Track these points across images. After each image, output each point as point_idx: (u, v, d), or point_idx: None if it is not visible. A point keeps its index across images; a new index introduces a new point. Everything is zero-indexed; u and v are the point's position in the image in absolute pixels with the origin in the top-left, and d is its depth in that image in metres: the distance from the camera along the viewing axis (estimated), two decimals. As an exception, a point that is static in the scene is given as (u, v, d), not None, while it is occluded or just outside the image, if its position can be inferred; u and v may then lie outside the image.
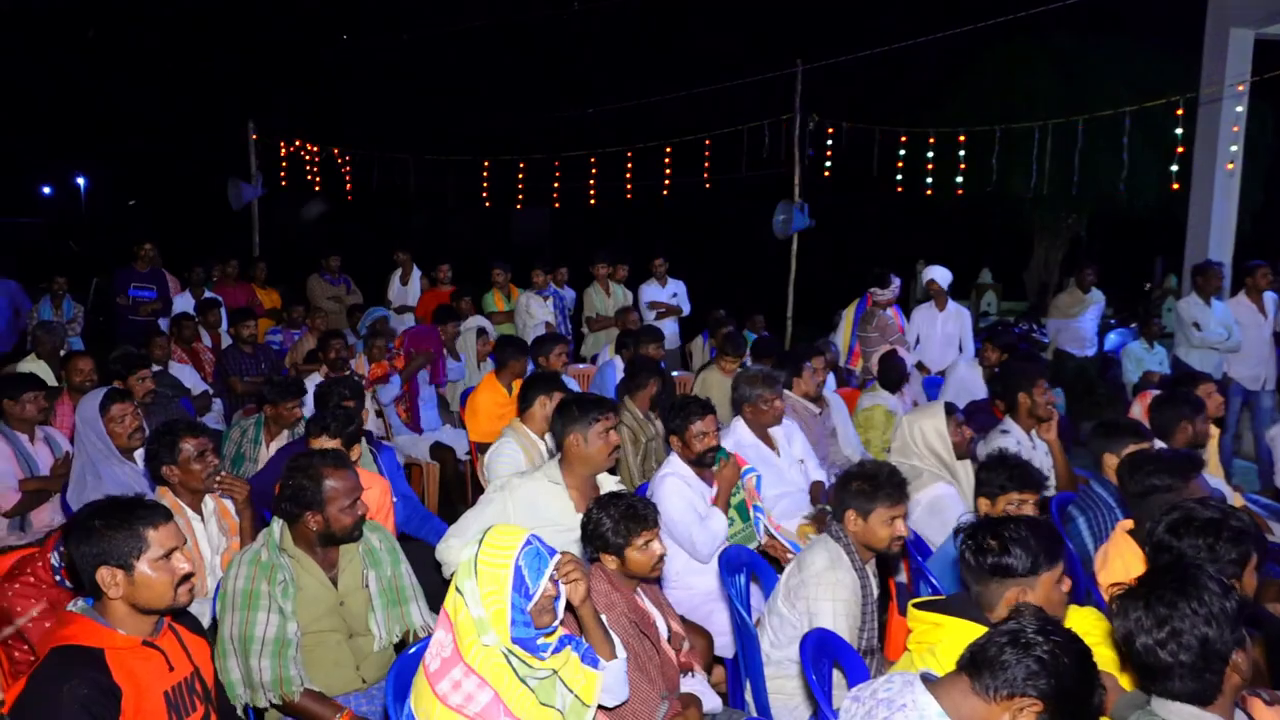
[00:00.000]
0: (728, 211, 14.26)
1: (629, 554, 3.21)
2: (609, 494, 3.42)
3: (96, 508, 2.65)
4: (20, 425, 5.15)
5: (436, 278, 10.41)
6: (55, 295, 9.58)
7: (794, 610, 3.51)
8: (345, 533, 3.36)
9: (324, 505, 3.31)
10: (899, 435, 4.98)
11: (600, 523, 3.22)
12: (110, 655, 2.52)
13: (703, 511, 4.38)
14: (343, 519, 3.34)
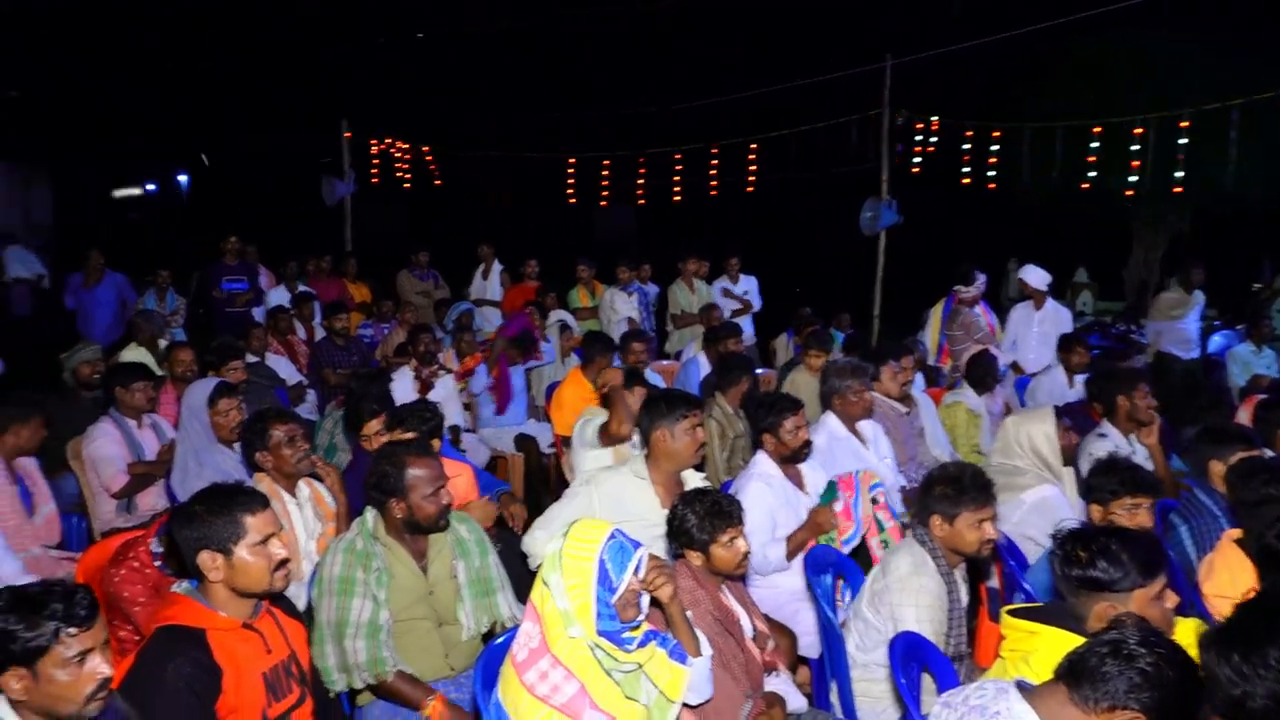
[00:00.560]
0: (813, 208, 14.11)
1: (714, 550, 3.20)
2: (694, 490, 3.41)
3: (199, 493, 2.75)
4: (129, 412, 5.36)
5: (523, 273, 10.51)
6: (159, 288, 9.94)
7: (878, 615, 3.45)
8: (429, 521, 3.40)
9: (406, 492, 3.37)
10: (1002, 436, 4.85)
11: (685, 519, 3.22)
12: (212, 636, 2.61)
13: (780, 521, 4.31)
14: (425, 507, 3.38)
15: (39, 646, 2.13)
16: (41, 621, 2.13)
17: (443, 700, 3.18)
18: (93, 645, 2.19)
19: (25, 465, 4.72)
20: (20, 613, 2.13)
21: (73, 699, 2.16)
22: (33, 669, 2.13)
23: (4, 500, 4.40)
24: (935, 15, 15.76)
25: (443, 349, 7.88)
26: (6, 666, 2.13)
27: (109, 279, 9.88)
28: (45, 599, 2.16)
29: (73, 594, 2.19)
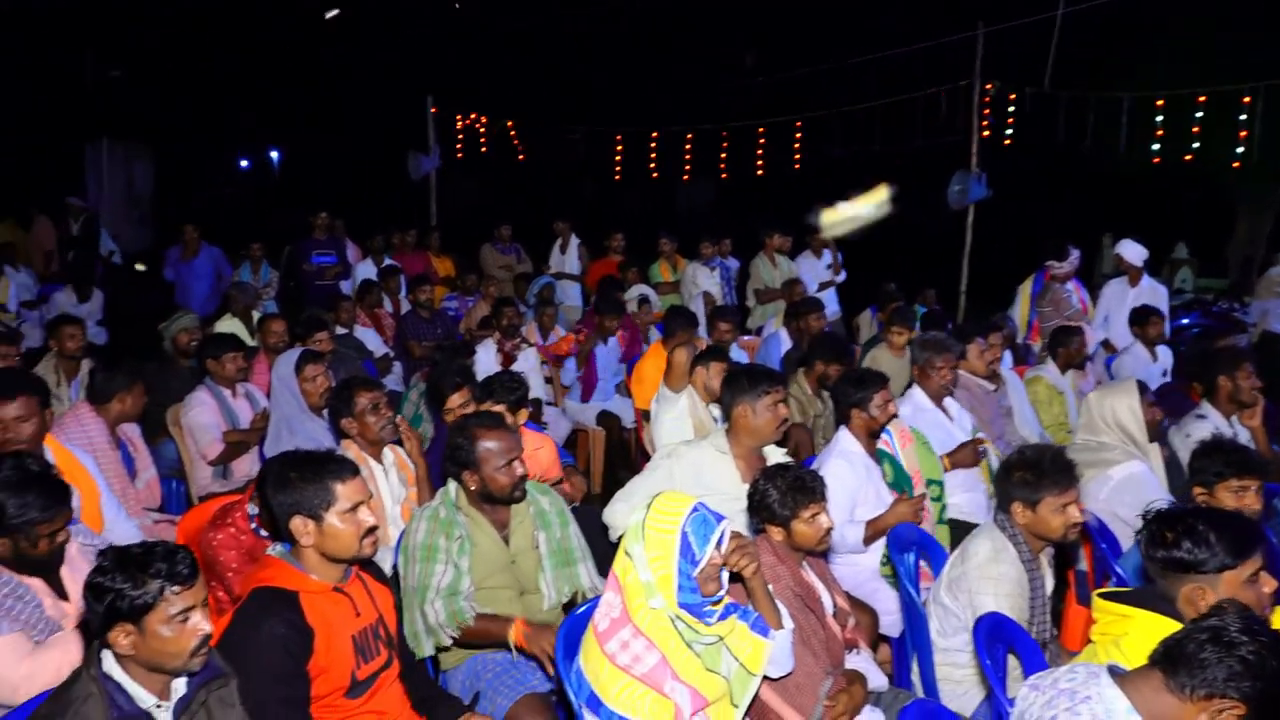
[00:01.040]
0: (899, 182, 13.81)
1: (795, 526, 3.17)
2: (776, 465, 3.39)
3: (292, 459, 2.83)
4: (223, 382, 5.53)
5: (607, 247, 10.52)
6: (253, 261, 10.22)
7: (956, 602, 3.39)
8: (502, 492, 3.44)
9: (479, 465, 3.41)
10: (1086, 413, 4.73)
11: (767, 494, 3.20)
12: (304, 598, 2.69)
13: (860, 500, 4.26)
14: (498, 478, 3.42)
15: (145, 604, 2.21)
16: (147, 580, 2.22)
17: (523, 622, 3.23)
18: (194, 603, 2.27)
19: (128, 432, 4.90)
20: (127, 572, 2.22)
21: (177, 653, 2.25)
22: (139, 625, 2.21)
23: (108, 465, 4.57)
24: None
25: (525, 322, 7.96)
26: (114, 623, 2.22)
27: (205, 252, 10.20)
28: (149, 559, 2.25)
29: (175, 554, 2.28)
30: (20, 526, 2.84)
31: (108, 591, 2.20)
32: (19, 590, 2.87)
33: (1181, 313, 11.12)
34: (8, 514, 2.82)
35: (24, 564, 2.91)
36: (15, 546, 2.86)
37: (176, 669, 2.28)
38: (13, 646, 2.78)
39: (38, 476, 2.93)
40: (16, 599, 2.86)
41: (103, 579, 2.22)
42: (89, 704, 2.19)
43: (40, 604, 2.92)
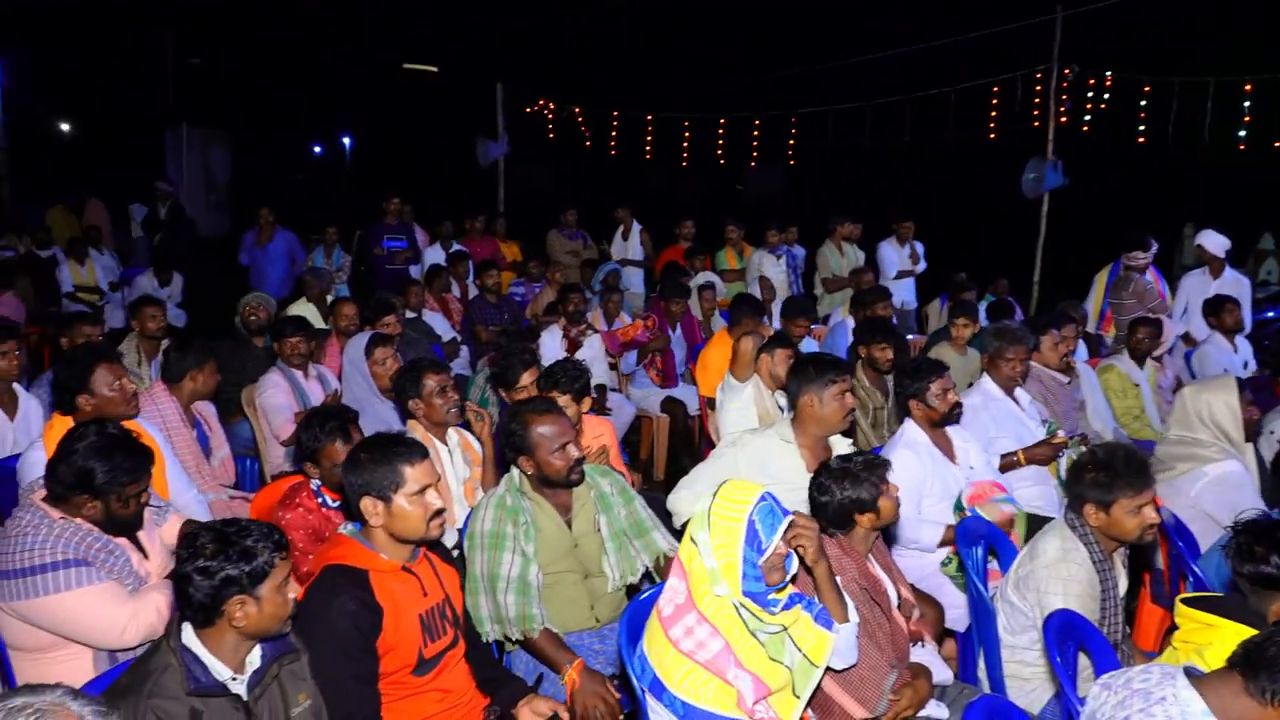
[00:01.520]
0: (972, 169, 13.57)
1: (882, 504, 3.15)
2: (841, 457, 3.35)
3: (364, 441, 2.88)
4: (292, 363, 5.64)
5: (679, 234, 10.50)
6: (327, 245, 10.41)
7: (1023, 601, 3.32)
8: (558, 476, 3.45)
9: (533, 450, 3.43)
10: (1180, 408, 4.57)
11: (830, 491, 3.16)
12: (373, 576, 2.75)
13: (929, 491, 4.20)
14: (553, 463, 3.43)
15: (262, 572, 2.31)
16: (257, 551, 2.31)
17: (579, 669, 3.19)
18: (288, 571, 2.38)
19: (203, 410, 5.02)
20: (234, 548, 2.30)
21: (281, 618, 2.36)
22: (255, 594, 2.30)
23: (183, 443, 4.70)
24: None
25: (590, 308, 7.98)
26: (227, 599, 2.29)
27: (280, 236, 10.41)
28: (248, 533, 2.34)
29: (268, 526, 2.39)
30: (111, 488, 2.96)
31: (216, 571, 2.27)
32: (110, 546, 3.01)
33: (1266, 306, 10.75)
34: (98, 478, 2.93)
35: (112, 525, 3.04)
36: (107, 508, 2.98)
37: (275, 633, 2.39)
38: (111, 592, 2.93)
39: (122, 441, 3.04)
40: (109, 554, 3.00)
41: (209, 562, 2.28)
42: (167, 675, 2.25)
43: (129, 559, 3.06)
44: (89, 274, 10.41)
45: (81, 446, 2.97)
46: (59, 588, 2.85)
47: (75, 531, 2.95)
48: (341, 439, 3.65)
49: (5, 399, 4.71)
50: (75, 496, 2.95)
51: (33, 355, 7.72)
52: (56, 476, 2.97)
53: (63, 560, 2.87)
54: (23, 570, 2.85)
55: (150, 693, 2.21)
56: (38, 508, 2.98)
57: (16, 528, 2.96)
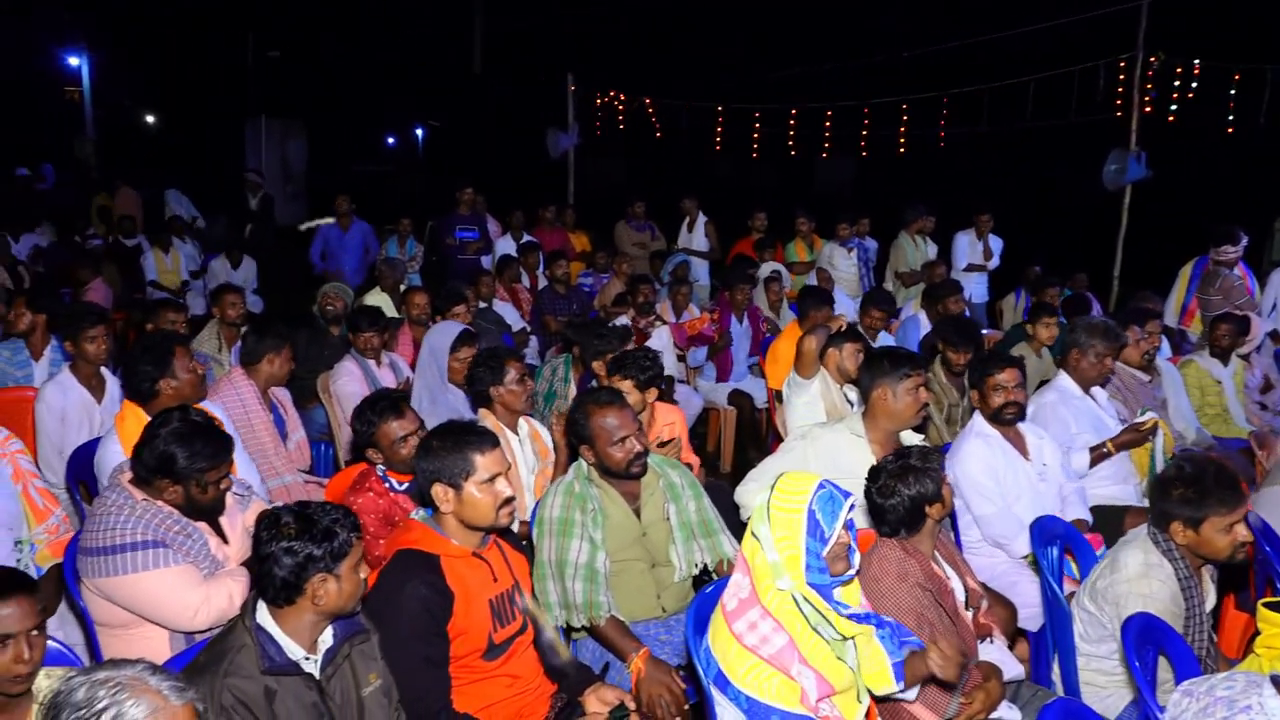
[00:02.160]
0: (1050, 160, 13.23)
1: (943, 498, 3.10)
2: (894, 455, 3.30)
3: (437, 429, 2.92)
4: (366, 353, 5.75)
5: (751, 226, 10.44)
6: (400, 235, 10.57)
7: (1102, 611, 3.22)
8: (618, 467, 3.46)
9: (593, 440, 3.45)
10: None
11: (895, 491, 3.11)
12: (445, 562, 2.79)
13: (1004, 485, 4.12)
14: (613, 454, 3.44)
15: (343, 551, 2.39)
16: (337, 531, 2.38)
17: (644, 658, 3.19)
18: (362, 551, 2.46)
19: (279, 395, 5.14)
20: (317, 528, 2.37)
21: (356, 596, 2.43)
22: (335, 573, 2.37)
23: (260, 426, 4.82)
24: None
25: (659, 300, 7.97)
26: (309, 578, 2.36)
27: (356, 226, 10.59)
28: (325, 515, 2.41)
29: (344, 509, 2.46)
30: (191, 474, 3.03)
31: (300, 550, 2.34)
32: (189, 529, 3.09)
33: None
34: (179, 464, 3.01)
35: (192, 510, 3.11)
36: (187, 494, 3.06)
37: (348, 612, 2.45)
38: (186, 575, 3.00)
39: (203, 428, 3.12)
40: (187, 536, 3.08)
41: (293, 542, 2.35)
42: (243, 654, 2.32)
43: (207, 543, 3.13)
44: (173, 262, 10.73)
45: (164, 432, 3.05)
46: (136, 567, 2.93)
47: (156, 514, 3.03)
48: (394, 415, 3.69)
49: (94, 382, 4.87)
50: (157, 480, 3.04)
51: (118, 341, 7.97)
52: (140, 460, 3.06)
53: (141, 541, 2.95)
54: (105, 548, 2.95)
55: (226, 671, 2.28)
56: (123, 489, 3.08)
57: (103, 507, 3.06)
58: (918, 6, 17.59)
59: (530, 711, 2.95)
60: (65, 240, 12.00)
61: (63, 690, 1.76)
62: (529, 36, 22.29)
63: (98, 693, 1.74)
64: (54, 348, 5.49)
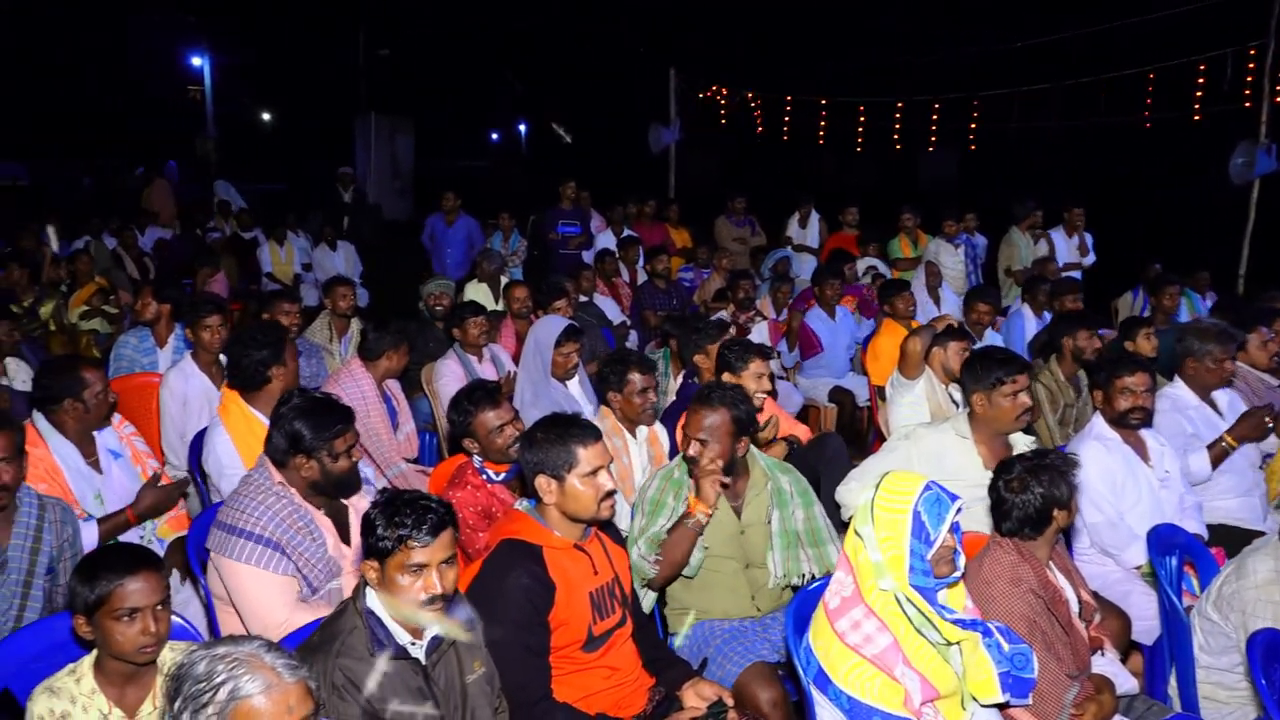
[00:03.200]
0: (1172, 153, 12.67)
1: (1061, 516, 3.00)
2: (1032, 453, 3.20)
3: (541, 421, 2.96)
4: (470, 349, 5.83)
5: (842, 220, 10.31)
6: (504, 230, 10.73)
7: (1226, 621, 3.08)
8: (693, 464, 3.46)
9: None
10: None
11: (1028, 502, 3.01)
12: (547, 553, 2.82)
13: (1124, 492, 3.96)
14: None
15: (385, 549, 2.37)
16: (393, 527, 2.36)
17: (695, 500, 3.33)
18: (428, 561, 2.36)
19: (392, 387, 5.29)
20: (385, 515, 2.39)
21: (407, 601, 2.37)
22: (383, 566, 2.38)
23: (375, 417, 4.96)
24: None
25: (759, 296, 7.92)
26: (368, 557, 2.42)
27: (462, 220, 10.79)
28: (398, 510, 2.38)
29: (426, 511, 2.39)
30: (319, 444, 3.09)
31: (372, 527, 2.40)
32: (311, 527, 3.14)
33: None
34: (306, 438, 3.09)
35: (332, 486, 3.17)
36: (321, 467, 3.12)
37: (405, 616, 2.40)
38: (283, 590, 3.04)
39: (324, 401, 3.22)
40: (307, 535, 3.12)
41: (371, 513, 2.41)
42: (354, 636, 2.38)
43: (325, 544, 3.16)
44: (287, 255, 11.10)
45: (286, 410, 3.15)
46: (244, 558, 3.01)
47: (285, 507, 3.09)
48: (490, 405, 3.75)
49: (214, 370, 5.07)
50: (292, 459, 3.12)
51: (236, 331, 8.28)
52: (273, 443, 3.15)
53: (260, 535, 3.02)
54: (230, 527, 3.06)
55: (338, 652, 2.34)
56: (267, 469, 3.17)
57: (246, 486, 3.16)
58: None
59: (628, 704, 2.96)
60: (187, 233, 12.53)
61: (185, 663, 1.84)
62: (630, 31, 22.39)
63: (216, 667, 1.81)
64: (178, 336, 5.74)
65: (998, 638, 2.67)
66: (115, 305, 7.86)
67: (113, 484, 3.83)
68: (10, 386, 4.80)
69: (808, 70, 17.82)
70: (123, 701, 2.50)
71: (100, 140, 24.04)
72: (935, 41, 16.19)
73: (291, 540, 3.07)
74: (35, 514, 3.23)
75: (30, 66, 26.17)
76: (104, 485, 3.80)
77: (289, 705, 1.80)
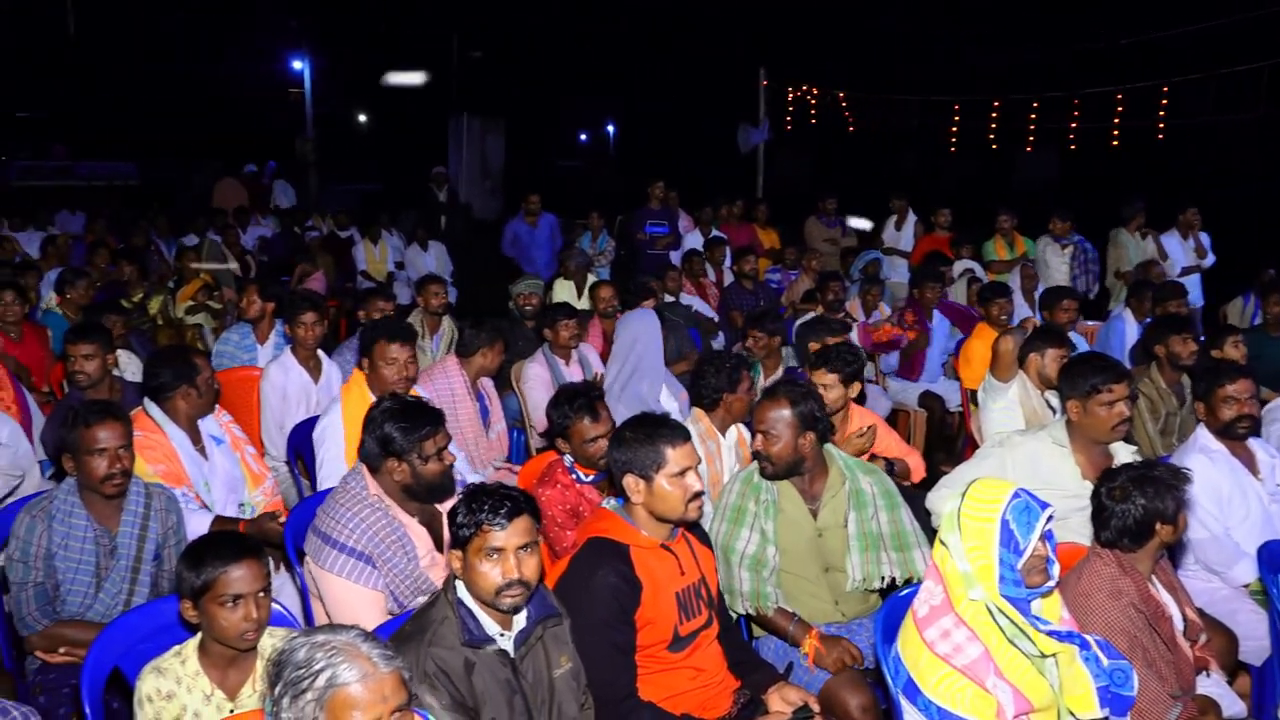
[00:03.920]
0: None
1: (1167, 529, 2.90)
2: (1140, 463, 3.09)
3: (631, 420, 2.98)
4: (559, 351, 5.87)
5: (935, 222, 10.12)
6: (593, 230, 10.81)
7: None
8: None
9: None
10: None
11: (1118, 513, 2.92)
12: (634, 552, 2.84)
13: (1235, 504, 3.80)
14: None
15: (465, 535, 2.44)
16: (471, 514, 2.43)
17: (817, 636, 3.22)
18: (505, 546, 2.41)
19: (486, 386, 5.32)
20: (466, 503, 2.46)
21: (486, 588, 2.42)
22: (465, 552, 2.44)
23: (466, 415, 5.00)
24: None
25: (849, 298, 7.82)
26: (453, 547, 2.48)
27: (544, 219, 10.90)
28: (479, 499, 2.45)
29: (503, 500, 2.45)
30: (410, 447, 3.14)
31: (454, 517, 2.46)
32: (404, 540, 3.16)
33: None
34: (397, 440, 3.14)
35: (425, 491, 3.21)
36: (413, 470, 3.16)
37: (485, 602, 2.45)
38: (372, 605, 3.07)
39: (413, 404, 3.29)
40: (399, 548, 3.15)
41: (455, 504, 2.49)
42: (445, 626, 2.44)
43: (417, 557, 3.18)
44: (380, 254, 11.37)
45: (377, 413, 3.22)
46: (337, 570, 3.06)
47: (378, 520, 3.13)
48: (589, 416, 3.77)
49: (311, 364, 5.22)
50: (384, 463, 3.17)
51: (332, 327, 8.51)
52: (365, 448, 3.21)
53: (352, 548, 3.07)
54: (325, 536, 3.12)
55: (430, 641, 2.40)
56: (362, 476, 3.22)
57: (344, 493, 3.21)
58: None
59: (713, 705, 2.96)
60: (287, 232, 12.92)
61: (286, 649, 1.90)
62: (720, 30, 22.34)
63: (316, 654, 1.86)
64: (278, 332, 5.93)
65: (1096, 650, 2.60)
66: (219, 300, 8.15)
67: (216, 469, 3.99)
68: (121, 377, 5.00)
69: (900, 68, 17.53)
70: (224, 684, 2.59)
71: (207, 140, 24.94)
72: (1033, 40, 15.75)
73: (383, 554, 3.10)
74: (142, 502, 3.37)
75: (142, 70, 27.31)
76: (209, 471, 3.96)
77: (384, 694, 1.85)
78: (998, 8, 18.25)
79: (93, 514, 3.28)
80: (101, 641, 2.80)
